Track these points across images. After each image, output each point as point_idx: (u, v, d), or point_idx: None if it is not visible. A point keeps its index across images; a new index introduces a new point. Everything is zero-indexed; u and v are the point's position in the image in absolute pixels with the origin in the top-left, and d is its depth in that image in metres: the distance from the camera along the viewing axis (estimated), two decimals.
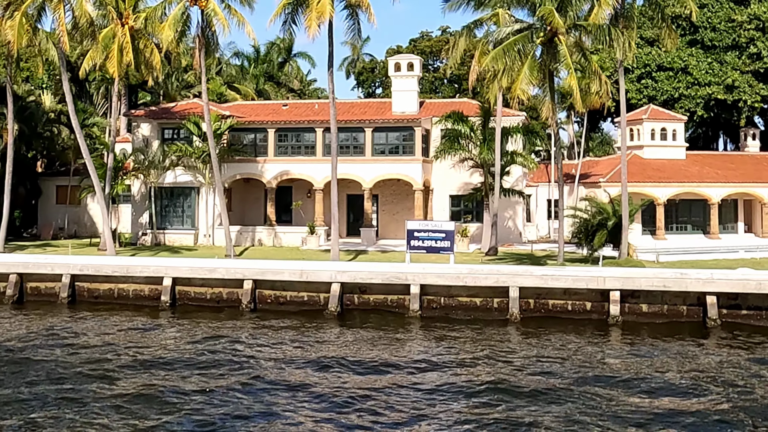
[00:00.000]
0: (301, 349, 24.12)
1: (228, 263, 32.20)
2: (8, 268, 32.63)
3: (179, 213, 44.80)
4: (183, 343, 24.92)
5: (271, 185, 44.24)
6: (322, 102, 49.38)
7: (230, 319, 28.83)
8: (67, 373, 20.85)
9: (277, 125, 44.16)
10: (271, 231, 43.81)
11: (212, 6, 34.31)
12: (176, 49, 35.93)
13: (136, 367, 21.71)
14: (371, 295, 30.27)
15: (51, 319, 28.77)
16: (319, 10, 29.88)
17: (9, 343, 24.45)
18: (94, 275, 32.11)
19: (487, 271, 29.98)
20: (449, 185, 45.10)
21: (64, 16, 32.27)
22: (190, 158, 43.00)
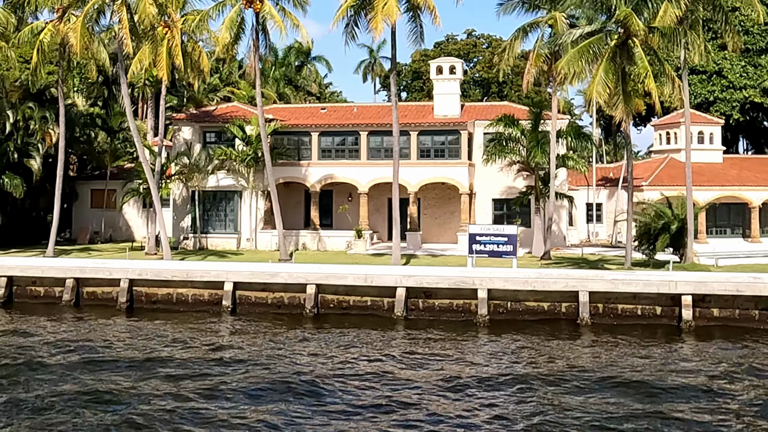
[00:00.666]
0: (388, 356, 23.84)
1: (289, 268, 31.87)
2: (65, 272, 32.35)
3: (221, 217, 44.45)
4: (268, 348, 24.64)
5: (314, 189, 43.93)
6: (361, 105, 49.13)
7: (294, 323, 28.54)
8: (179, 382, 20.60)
9: (320, 128, 43.86)
10: (315, 235, 43.48)
11: (267, 8, 34.02)
12: (232, 51, 35.57)
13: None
14: (436, 299, 29.96)
15: (118, 323, 28.52)
16: (386, 12, 29.61)
17: (91, 345, 24.19)
18: (153, 280, 31.82)
19: (556, 275, 29.69)
20: (492, 189, 44.79)
21: (126, 18, 31.93)
22: (233, 162, 42.70)
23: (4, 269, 32.88)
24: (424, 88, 71.16)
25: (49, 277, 32.65)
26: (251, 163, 42.25)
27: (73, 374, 21.08)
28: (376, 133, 43.60)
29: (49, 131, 42.43)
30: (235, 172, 43.46)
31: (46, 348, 24.26)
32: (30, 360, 22.62)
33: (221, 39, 33.65)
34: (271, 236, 43.54)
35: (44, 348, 24.25)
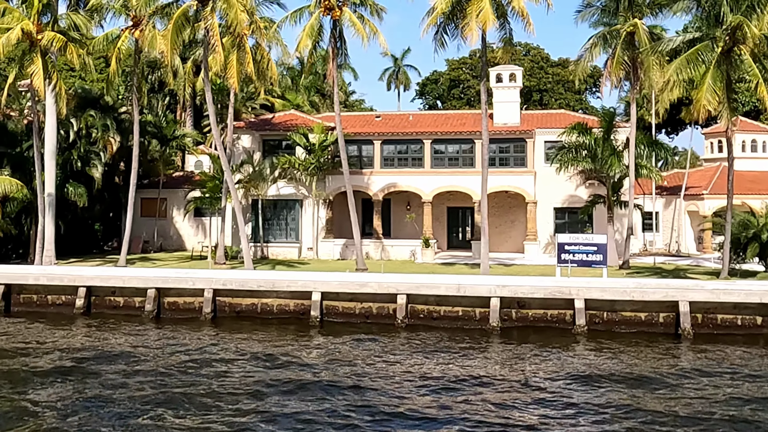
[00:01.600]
0: (509, 366, 23.42)
1: (378, 277, 31.43)
2: (146, 282, 31.88)
3: (282, 226, 44.08)
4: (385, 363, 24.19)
5: (377, 197, 43.59)
6: (416, 113, 48.92)
7: (388, 333, 28.10)
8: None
9: (383, 137, 43.56)
10: (379, 244, 43.10)
11: (348, 15, 33.68)
12: (311, 59, 35.19)
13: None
14: (530, 309, 29.56)
15: (212, 334, 28.05)
16: (481, 18, 29.27)
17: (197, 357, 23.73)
18: (238, 290, 31.38)
19: (654, 285, 29.29)
20: (552, 198, 44.44)
21: (217, 25, 31.58)
22: (296, 170, 42.35)
23: (83, 279, 32.43)
24: (463, 96, 70.93)
25: (129, 287, 32.19)
26: (314, 171, 41.88)
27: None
28: (439, 141, 43.28)
29: (109, 139, 42.06)
30: (296, 181, 43.12)
31: (174, 358, 23.84)
32: (168, 369, 22.22)
33: (301, 46, 33.28)
34: (333, 245, 43.18)
35: (172, 358, 23.83)
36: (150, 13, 33.32)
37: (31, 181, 38.77)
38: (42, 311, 32.39)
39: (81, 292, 32.28)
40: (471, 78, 69.03)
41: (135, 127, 36.85)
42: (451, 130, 42.87)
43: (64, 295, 32.82)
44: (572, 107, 65.87)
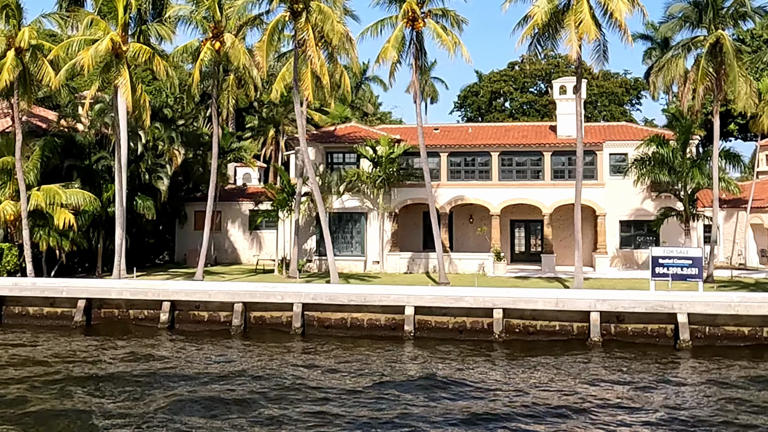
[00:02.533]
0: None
1: (472, 291, 30.95)
2: (233, 296, 31.41)
3: (347, 239, 43.64)
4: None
5: (444, 210, 43.17)
6: (475, 125, 48.56)
7: (485, 349, 27.63)
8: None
9: (450, 149, 43.18)
10: (446, 257, 42.59)
11: (432, 26, 33.36)
12: (395, 70, 34.84)
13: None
14: (629, 324, 29.07)
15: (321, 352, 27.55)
16: (582, 29, 28.92)
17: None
18: (327, 304, 30.90)
19: (760, 299, 28.82)
20: (618, 210, 44.04)
21: (313, 37, 31.20)
22: (362, 183, 41.98)
23: (168, 293, 31.97)
24: (506, 108, 70.65)
25: (215, 302, 31.72)
26: (381, 184, 41.50)
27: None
28: (507, 153, 42.90)
29: (174, 152, 41.70)
30: (362, 194, 42.75)
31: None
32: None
33: (388, 57, 32.89)
34: (399, 258, 42.75)
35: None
36: (240, 24, 33.05)
37: (101, 194, 38.39)
38: (124, 326, 31.93)
39: (165, 306, 31.82)
40: (514, 90, 68.74)
41: (214, 140, 36.42)
42: (518, 142, 42.53)
43: (147, 309, 32.36)
44: (617, 119, 65.56)
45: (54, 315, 33.04)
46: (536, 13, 29.90)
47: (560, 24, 30.31)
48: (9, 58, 32.99)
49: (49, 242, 35.60)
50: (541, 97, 69.28)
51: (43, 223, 35.63)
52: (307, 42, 31.07)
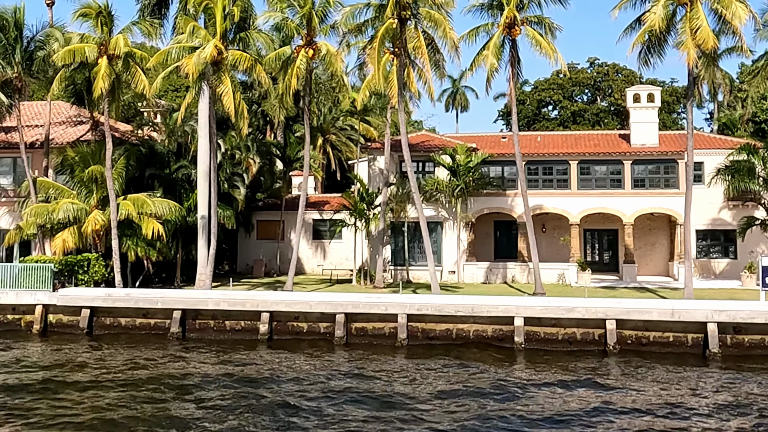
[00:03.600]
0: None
1: (585, 302, 30.40)
2: (335, 307, 30.91)
3: (423, 248, 43.02)
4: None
5: (522, 220, 42.61)
6: (546, 134, 48.08)
7: (597, 360, 27.13)
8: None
9: (528, 158, 42.71)
10: (525, 267, 42.13)
11: (531, 34, 32.94)
12: (491, 78, 34.32)
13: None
14: (746, 335, 28.56)
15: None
16: (700, 37, 28.47)
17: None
18: (432, 315, 30.40)
19: None
20: (696, 220, 43.45)
21: (424, 44, 30.75)
22: (440, 192, 41.54)
23: (267, 304, 31.48)
24: (554, 117, 70.24)
25: (315, 312, 31.23)
26: (460, 193, 41.05)
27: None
28: (585, 162, 42.46)
29: (249, 161, 41.28)
30: (437, 202, 42.30)
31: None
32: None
33: (488, 65, 32.44)
34: (476, 268, 42.31)
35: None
36: (345, 31, 32.71)
37: (181, 203, 37.93)
38: (221, 338, 31.43)
39: (264, 317, 31.34)
40: (563, 99, 68.32)
41: (306, 147, 36.02)
42: (597, 150, 42.13)
43: (244, 320, 31.87)
44: (668, 127, 65.20)
45: (147, 326, 32.58)
46: (652, 19, 29.40)
47: (670, 31, 29.89)
48: (102, 65, 32.59)
49: (137, 252, 35.12)
50: (591, 105, 68.88)
51: (131, 233, 35.17)
52: (419, 49, 30.67)
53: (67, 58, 32.34)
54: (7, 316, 34.06)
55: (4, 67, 33.96)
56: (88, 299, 32.84)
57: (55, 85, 33.75)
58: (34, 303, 33.41)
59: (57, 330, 33.15)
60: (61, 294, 33.21)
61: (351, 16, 32.13)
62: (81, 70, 34.25)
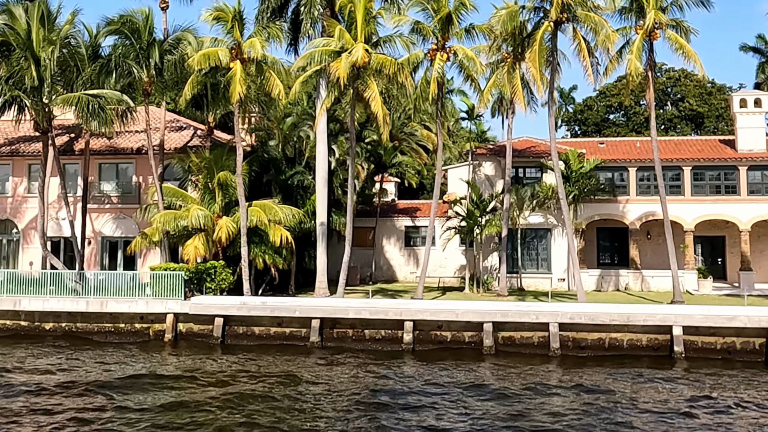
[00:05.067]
0: None
1: (744, 311, 29.66)
2: (482, 316, 30.18)
3: (533, 256, 42.52)
4: None
5: (634, 226, 42.06)
6: (643, 140, 47.37)
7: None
8: None
9: (639, 163, 42.09)
10: (638, 275, 41.43)
11: (673, 37, 32.30)
12: (633, 82, 33.64)
13: None
14: None
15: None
16: None
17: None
18: (585, 324, 29.65)
19: None
20: None
21: (584, 45, 30.20)
22: (551, 199, 40.92)
23: (411, 313, 30.83)
24: (628, 122, 69.53)
25: (460, 321, 30.56)
26: (573, 200, 40.41)
27: None
28: (699, 168, 41.80)
29: (358, 167, 40.68)
30: (547, 209, 41.68)
31: None
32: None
33: (633, 69, 31.80)
34: (587, 276, 41.58)
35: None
36: (495, 37, 32.25)
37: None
38: (359, 347, 30.78)
39: (408, 326, 30.69)
40: (635, 104, 67.59)
41: (439, 154, 35.33)
42: (713, 156, 41.51)
43: (384, 329, 31.23)
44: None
45: (282, 335, 31.97)
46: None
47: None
48: (238, 70, 32.02)
49: (265, 260, 34.51)
50: (661, 111, 68.04)
51: (258, 240, 34.57)
52: (582, 51, 30.11)
53: (202, 62, 31.77)
54: (134, 325, 33.53)
55: (139, 71, 33.37)
56: (222, 308, 32.23)
57: (188, 89, 33.14)
58: (164, 311, 32.85)
59: (188, 339, 32.55)
60: (194, 302, 32.60)
61: (508, 19, 31.47)
62: (213, 75, 33.66)
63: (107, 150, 40.32)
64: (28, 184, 43.29)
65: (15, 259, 43.16)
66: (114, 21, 33.88)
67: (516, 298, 36.71)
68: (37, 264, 42.41)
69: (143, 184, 41.85)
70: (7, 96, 31.77)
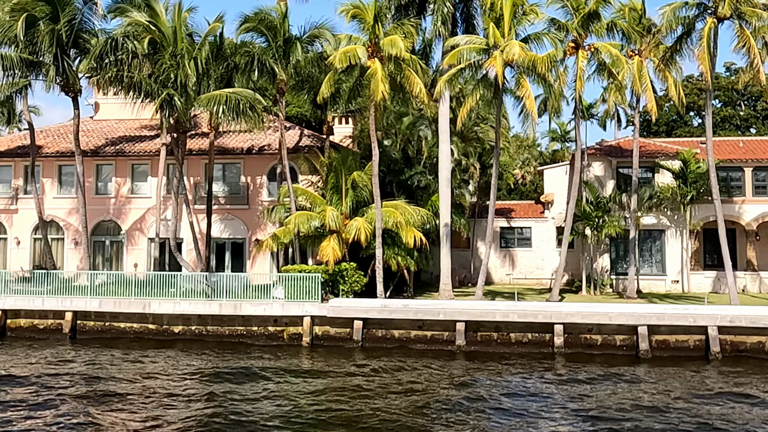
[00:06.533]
0: None
1: None
2: (637, 319, 29.66)
3: (646, 257, 41.83)
4: None
5: (750, 227, 41.32)
6: (747, 139, 46.69)
7: None
8: None
9: (755, 163, 41.38)
10: (755, 276, 40.76)
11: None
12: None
13: None
14: None
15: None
16: None
17: None
18: (745, 327, 29.09)
19: None
20: None
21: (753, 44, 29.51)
22: (666, 200, 40.27)
23: (561, 316, 30.28)
24: (693, 123, 68.76)
25: (612, 324, 29.98)
26: (689, 201, 39.74)
27: None
28: None
29: (471, 166, 40.12)
30: (659, 210, 41.03)
31: None
32: None
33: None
34: (703, 278, 40.97)
35: None
36: (657, 31, 31.69)
37: None
38: (504, 351, 30.21)
39: (558, 329, 30.16)
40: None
41: (577, 155, 34.65)
42: None
43: (531, 332, 30.66)
44: None
45: (422, 338, 31.44)
46: None
47: None
48: (378, 68, 31.40)
49: (399, 262, 33.91)
50: (735, 111, 67.29)
51: (390, 242, 33.97)
52: (752, 51, 29.42)
53: (343, 60, 31.18)
54: (267, 328, 32.97)
55: (279, 70, 32.78)
56: (362, 310, 31.67)
57: (325, 88, 32.53)
58: (301, 314, 32.29)
59: (325, 343, 31.95)
60: (332, 305, 32.01)
61: (672, 16, 30.82)
62: (349, 73, 33.02)
63: (216, 150, 39.68)
64: (132, 184, 42.80)
65: (119, 260, 42.66)
66: (251, 18, 33.27)
67: (646, 300, 36.01)
68: (141, 265, 41.96)
69: (251, 185, 41.31)
70: (164, 95, 31.09)
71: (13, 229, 43.31)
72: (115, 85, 31.80)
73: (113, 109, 45.68)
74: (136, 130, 44.84)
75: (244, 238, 41.32)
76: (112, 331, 34.09)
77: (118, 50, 30.77)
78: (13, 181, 43.91)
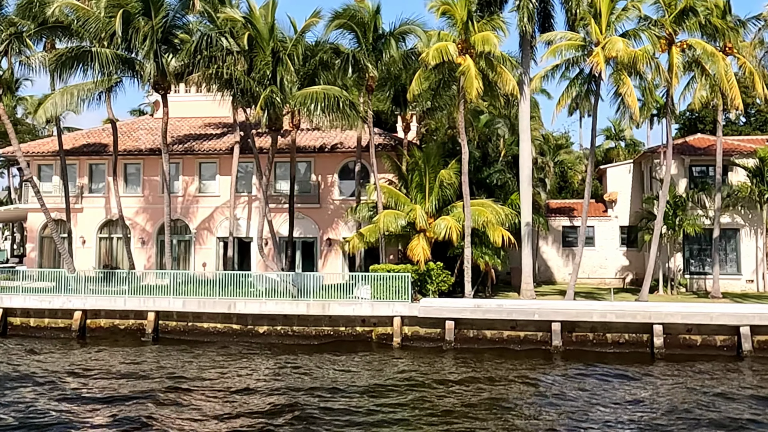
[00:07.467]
0: None
1: None
2: (739, 319, 29.26)
3: (720, 256, 41.30)
4: None
5: None
6: None
7: None
8: None
9: None
10: None
11: None
12: None
13: None
14: None
15: None
16: None
17: None
18: None
19: None
20: None
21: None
22: (743, 198, 39.87)
23: (660, 316, 29.83)
24: (748, 123, 68.15)
25: (712, 325, 29.57)
26: (766, 200, 39.33)
27: None
28: None
29: (547, 165, 39.72)
30: (734, 209, 40.62)
31: None
32: None
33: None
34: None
35: None
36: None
37: None
38: (599, 351, 29.82)
39: (657, 329, 29.79)
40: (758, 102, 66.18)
41: (669, 152, 34.16)
42: None
43: (628, 333, 30.26)
44: None
45: (515, 339, 31.09)
46: None
47: None
48: (471, 65, 31.00)
49: (487, 261, 33.53)
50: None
51: (478, 241, 33.58)
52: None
53: (435, 57, 30.78)
54: (355, 329, 32.59)
55: (373, 67, 32.41)
56: (455, 311, 31.27)
57: (415, 85, 32.20)
58: (391, 314, 31.91)
59: (414, 343, 31.55)
60: (422, 305, 31.63)
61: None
62: (438, 70, 32.56)
63: (286, 148, 39.28)
64: (199, 183, 42.48)
65: (187, 260, 42.32)
66: (341, 14, 32.85)
67: (730, 300, 35.61)
68: (210, 264, 41.66)
69: (322, 183, 40.96)
70: (266, 93, 30.62)
71: (78, 228, 42.93)
72: (214, 82, 31.31)
73: (175, 107, 45.29)
74: (200, 128, 44.52)
75: (315, 237, 40.98)
76: (194, 332, 33.71)
77: (212, 46, 30.36)
78: (78, 179, 43.60)
